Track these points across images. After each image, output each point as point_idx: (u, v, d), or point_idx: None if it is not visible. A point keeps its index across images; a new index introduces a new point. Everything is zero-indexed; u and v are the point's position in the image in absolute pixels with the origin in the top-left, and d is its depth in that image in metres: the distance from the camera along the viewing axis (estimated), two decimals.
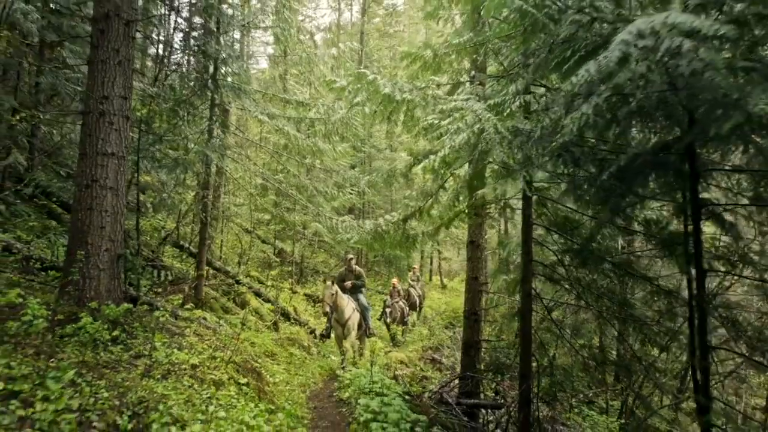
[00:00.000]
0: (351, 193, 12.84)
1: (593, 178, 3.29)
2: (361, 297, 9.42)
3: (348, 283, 9.10)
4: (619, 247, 6.95)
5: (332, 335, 8.72)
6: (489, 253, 15.51)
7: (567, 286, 6.58)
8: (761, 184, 2.94)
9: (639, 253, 5.64)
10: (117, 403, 3.14)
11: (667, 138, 2.85)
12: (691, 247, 3.12)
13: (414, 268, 16.60)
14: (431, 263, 30.61)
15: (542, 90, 4.52)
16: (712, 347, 2.97)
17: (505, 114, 3.46)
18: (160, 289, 8.83)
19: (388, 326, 12.77)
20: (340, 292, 8.48)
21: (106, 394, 3.10)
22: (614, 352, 8.91)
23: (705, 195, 3.44)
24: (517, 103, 3.48)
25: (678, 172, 2.83)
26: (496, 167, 4.45)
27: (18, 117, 8.29)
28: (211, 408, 3.60)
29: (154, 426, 3.01)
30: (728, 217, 3.23)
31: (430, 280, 29.36)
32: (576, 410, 9.24)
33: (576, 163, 3.25)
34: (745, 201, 3.41)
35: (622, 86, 2.11)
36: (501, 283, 7.98)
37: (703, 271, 2.95)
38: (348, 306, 8.59)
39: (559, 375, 6.69)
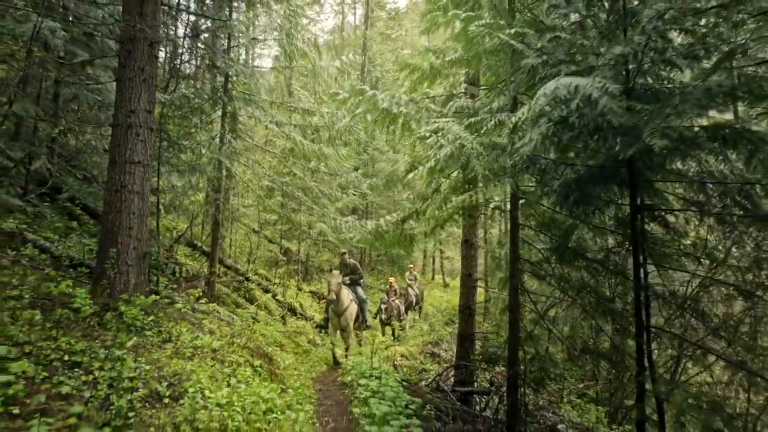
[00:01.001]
0: (354, 195, 13.45)
1: (558, 185, 3.88)
2: (359, 289, 9.48)
3: (346, 279, 9.08)
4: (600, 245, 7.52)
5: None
6: (483, 251, 15.99)
7: (552, 282, 7.16)
8: (695, 191, 3.52)
9: (615, 250, 6.20)
10: (156, 375, 3.77)
11: (614, 154, 3.44)
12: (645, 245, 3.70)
13: (411, 267, 16.71)
14: (434, 262, 31.20)
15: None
16: (648, 327, 3.54)
17: (482, 131, 4.04)
18: (175, 286, 9.48)
19: (383, 324, 12.76)
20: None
21: (147, 368, 3.72)
22: (608, 344, 9.45)
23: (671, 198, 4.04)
24: (494, 121, 4.06)
25: (621, 182, 3.41)
26: (487, 173, 5.01)
27: (42, 125, 8.94)
28: (233, 381, 4.22)
29: (190, 391, 3.63)
30: (671, 218, 3.81)
31: (433, 278, 29.94)
32: (566, 400, 9.83)
33: (542, 173, 3.84)
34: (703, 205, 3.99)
35: (559, 119, 2.69)
36: (497, 280, 8.58)
37: (639, 264, 3.53)
38: (346, 297, 8.62)
39: (546, 363, 7.26)
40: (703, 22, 2.86)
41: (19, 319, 3.75)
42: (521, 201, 6.81)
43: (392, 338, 13.26)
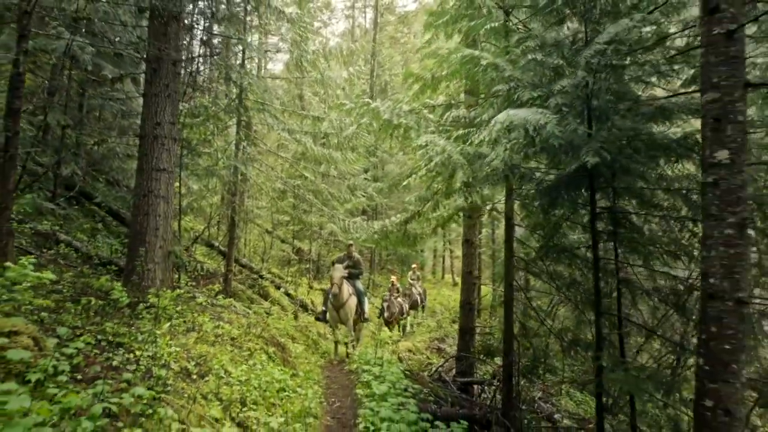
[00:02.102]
0: (363, 196, 14.04)
1: (535, 190, 4.42)
2: (358, 283, 9.47)
3: (345, 271, 8.96)
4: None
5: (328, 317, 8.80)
6: (482, 250, 16.37)
7: (544, 278, 7.67)
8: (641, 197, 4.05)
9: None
10: (185, 355, 4.38)
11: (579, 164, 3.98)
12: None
13: (414, 267, 16.78)
14: (443, 262, 31.69)
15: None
16: (602, 313, 4.07)
17: (467, 144, 4.58)
18: (194, 283, 10.14)
19: (386, 323, 12.72)
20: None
21: (177, 349, 4.33)
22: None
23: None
24: (480, 135, 4.60)
25: (584, 188, 3.93)
26: (470, 181, 5.53)
27: (69, 132, 9.65)
28: (250, 363, 4.82)
29: (214, 368, 4.24)
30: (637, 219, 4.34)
31: (443, 277, 30.42)
32: (564, 392, 10.30)
33: (521, 180, 4.37)
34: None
35: (523, 138, 3.25)
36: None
37: (598, 259, 4.05)
38: (346, 291, 8.61)
39: (538, 354, 7.76)
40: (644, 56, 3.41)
41: (66, 309, 4.39)
42: (516, 203, 7.35)
43: (401, 334, 13.77)
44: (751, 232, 3.51)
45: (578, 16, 3.84)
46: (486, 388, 9.08)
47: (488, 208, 8.24)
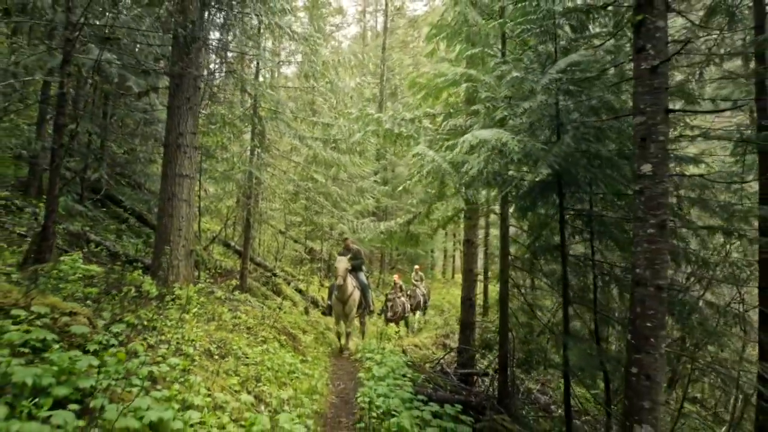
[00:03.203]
0: (372, 198, 14.66)
1: (515, 194, 5.00)
2: (361, 275, 9.48)
3: (349, 264, 8.81)
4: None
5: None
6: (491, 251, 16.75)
7: (537, 275, 8.20)
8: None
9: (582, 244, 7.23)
10: (207, 339, 5.02)
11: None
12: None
13: (417, 268, 16.80)
14: (453, 262, 32.14)
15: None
16: (570, 302, 4.61)
17: (455, 152, 5.15)
18: (212, 280, 10.83)
19: (388, 321, 12.66)
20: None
21: (201, 334, 4.98)
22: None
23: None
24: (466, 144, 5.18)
25: (554, 193, 4.49)
26: (458, 186, 6.08)
27: (96, 140, 10.41)
28: (264, 346, 5.45)
29: (233, 350, 4.88)
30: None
31: (453, 277, 30.86)
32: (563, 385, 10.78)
33: (502, 185, 4.93)
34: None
35: (489, 152, 3.82)
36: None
37: (564, 258, 4.60)
38: (350, 284, 8.61)
39: (531, 347, 8.30)
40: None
41: (105, 299, 5.06)
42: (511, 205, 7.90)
43: (406, 330, 14.30)
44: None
45: (550, 42, 4.41)
46: (484, 378, 9.61)
47: (486, 210, 8.77)
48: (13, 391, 2.37)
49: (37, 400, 2.37)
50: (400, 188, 7.05)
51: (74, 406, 2.40)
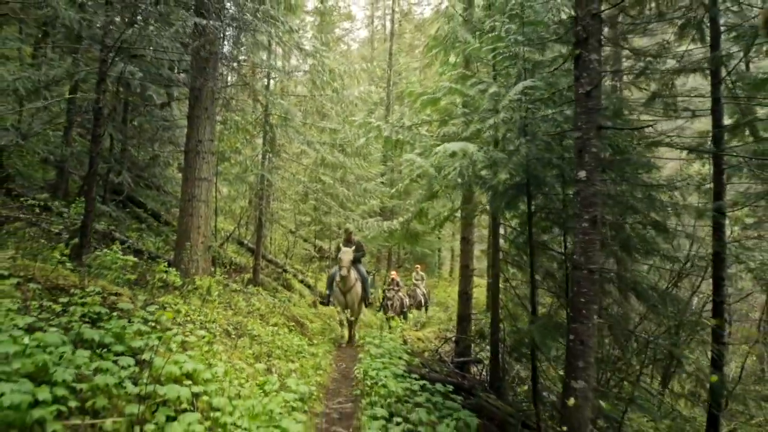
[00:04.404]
0: (376, 199, 15.42)
1: (493, 195, 5.72)
2: (361, 267, 9.62)
3: (353, 255, 8.89)
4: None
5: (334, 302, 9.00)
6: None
7: (526, 269, 8.88)
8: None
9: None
10: (225, 322, 5.79)
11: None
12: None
13: (417, 267, 16.81)
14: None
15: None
16: (536, 287, 5.30)
17: (434, 158, 5.86)
18: (227, 275, 11.64)
19: (388, 318, 12.59)
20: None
21: (219, 317, 5.75)
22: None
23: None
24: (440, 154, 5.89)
25: (523, 194, 5.19)
26: (443, 189, 6.79)
27: (118, 144, 11.26)
28: (274, 329, 6.22)
29: (248, 330, 5.65)
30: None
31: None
32: (558, 375, 11.41)
33: (482, 187, 5.64)
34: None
35: (463, 159, 4.53)
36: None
37: (532, 249, 5.30)
38: (352, 276, 8.74)
39: (520, 336, 8.96)
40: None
41: (136, 287, 5.85)
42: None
43: (405, 323, 14.92)
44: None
45: (519, 64, 5.11)
46: (478, 365, 10.30)
47: (480, 209, 9.45)
48: (84, 346, 3.15)
49: (102, 352, 3.15)
50: (394, 190, 7.75)
51: (130, 359, 3.17)
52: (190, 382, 3.21)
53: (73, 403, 2.43)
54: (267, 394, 3.90)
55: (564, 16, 4.85)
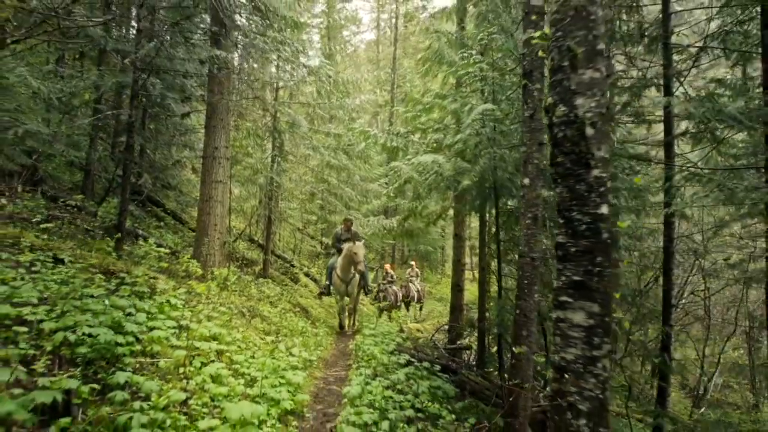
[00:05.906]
0: (378, 199, 16.40)
1: (471, 196, 6.67)
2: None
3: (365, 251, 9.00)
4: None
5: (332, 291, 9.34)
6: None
7: (511, 262, 9.79)
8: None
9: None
10: (239, 304, 6.80)
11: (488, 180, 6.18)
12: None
13: (412, 263, 16.96)
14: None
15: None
16: (501, 276, 6.25)
17: (413, 165, 6.80)
18: (239, 269, 12.68)
19: (381, 311, 13.15)
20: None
21: (237, 302, 6.75)
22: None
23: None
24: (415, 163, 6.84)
25: (490, 194, 6.15)
26: (424, 192, 7.72)
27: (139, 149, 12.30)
28: (282, 311, 7.23)
29: (259, 311, 6.65)
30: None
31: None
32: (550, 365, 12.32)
33: (455, 189, 6.61)
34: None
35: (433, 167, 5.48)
36: None
37: (498, 244, 6.25)
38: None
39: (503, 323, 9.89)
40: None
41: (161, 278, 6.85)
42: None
43: (413, 318, 15.87)
44: None
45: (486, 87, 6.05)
46: (467, 351, 11.22)
47: (470, 208, 10.38)
48: (137, 313, 4.15)
49: (152, 316, 4.15)
50: (386, 191, 8.72)
51: (172, 322, 4.16)
52: (216, 342, 4.21)
53: (137, 347, 3.43)
54: (275, 358, 4.89)
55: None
